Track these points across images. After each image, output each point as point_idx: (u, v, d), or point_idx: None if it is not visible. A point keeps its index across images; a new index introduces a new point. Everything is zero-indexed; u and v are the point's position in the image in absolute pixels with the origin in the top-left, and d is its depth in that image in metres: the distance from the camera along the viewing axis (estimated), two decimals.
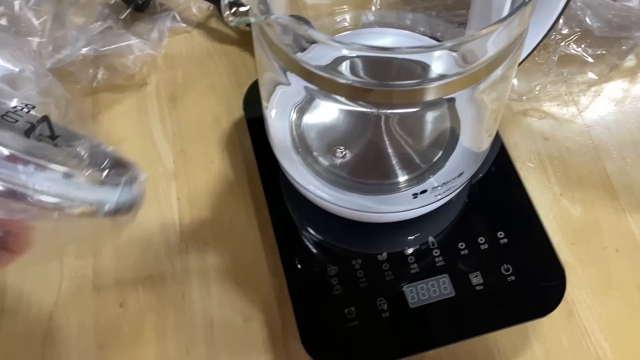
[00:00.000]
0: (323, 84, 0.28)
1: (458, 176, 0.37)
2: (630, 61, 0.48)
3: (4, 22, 0.47)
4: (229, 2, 0.26)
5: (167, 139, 0.47)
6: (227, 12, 0.26)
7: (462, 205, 0.42)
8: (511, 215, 0.41)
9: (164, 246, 0.42)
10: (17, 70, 0.39)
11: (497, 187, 0.43)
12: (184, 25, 0.52)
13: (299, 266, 0.40)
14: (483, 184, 0.43)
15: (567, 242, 0.42)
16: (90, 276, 0.41)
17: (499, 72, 0.29)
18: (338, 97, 0.28)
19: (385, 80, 0.27)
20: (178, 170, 0.45)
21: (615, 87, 0.48)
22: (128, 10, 0.52)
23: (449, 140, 0.40)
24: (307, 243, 0.41)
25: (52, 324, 0.40)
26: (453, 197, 0.40)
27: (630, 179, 0.44)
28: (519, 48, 0.30)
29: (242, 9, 0.26)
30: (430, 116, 0.40)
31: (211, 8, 0.53)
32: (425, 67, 0.27)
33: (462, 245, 0.40)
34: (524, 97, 0.46)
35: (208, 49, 0.52)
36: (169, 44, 0.51)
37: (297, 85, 0.29)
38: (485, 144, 0.39)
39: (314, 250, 0.40)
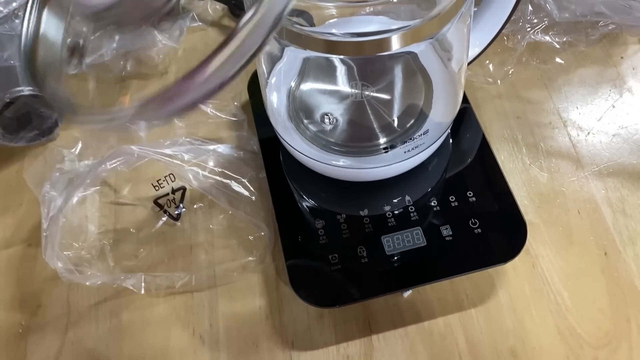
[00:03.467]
0: (311, 44, 0.34)
1: (424, 134, 0.42)
2: (596, 48, 0.53)
3: None
4: None
5: (182, 118, 0.54)
6: None
7: (436, 170, 0.47)
8: (481, 179, 0.46)
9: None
10: None
11: (470, 158, 0.48)
12: (201, 23, 0.60)
13: (291, 221, 0.45)
14: (457, 155, 0.48)
15: (534, 205, 0.47)
16: None
17: (451, 26, 0.35)
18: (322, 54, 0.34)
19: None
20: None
21: (582, 71, 0.53)
22: (158, 15, 0.59)
23: (419, 105, 0.45)
24: (299, 202, 0.46)
25: None
26: (426, 158, 0.45)
27: (593, 149, 0.49)
28: (468, 7, 0.35)
29: None
30: (402, 82, 0.46)
31: (224, 9, 0.61)
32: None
33: (434, 203, 0.45)
34: (499, 81, 0.52)
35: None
36: (188, 40, 0.59)
37: (290, 59, 0.35)
38: (450, 107, 0.44)
39: (305, 208, 0.46)
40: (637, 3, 0.46)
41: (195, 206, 0.48)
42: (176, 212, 0.48)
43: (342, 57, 0.42)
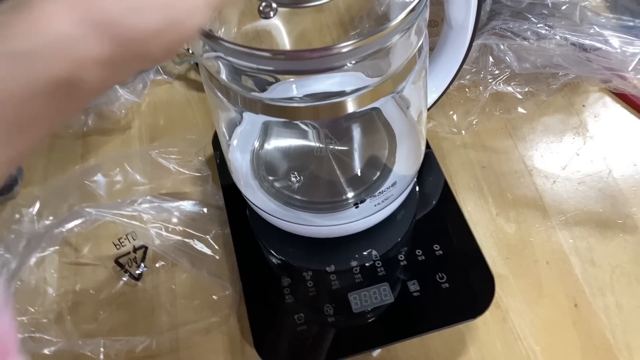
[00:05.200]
0: (268, 110, 0.34)
1: (392, 186, 0.42)
2: (558, 97, 0.54)
3: None
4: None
5: (145, 175, 0.53)
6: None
7: (402, 223, 0.46)
8: (447, 232, 0.45)
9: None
10: None
11: (436, 210, 0.47)
12: (166, 77, 0.59)
13: (256, 280, 0.44)
14: (423, 207, 0.47)
15: (502, 256, 0.46)
16: None
17: (406, 84, 0.35)
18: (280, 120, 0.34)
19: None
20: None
21: (546, 120, 0.53)
22: None
23: (384, 157, 0.45)
24: (265, 259, 0.45)
25: None
26: (394, 210, 0.45)
27: (560, 198, 0.49)
28: (423, 61, 0.35)
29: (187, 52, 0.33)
30: (366, 135, 0.46)
31: (192, 63, 0.60)
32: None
33: (401, 257, 0.44)
34: (463, 131, 0.52)
35: (187, 97, 0.59)
36: (152, 93, 0.58)
37: (250, 121, 0.35)
38: (414, 157, 0.44)
39: (271, 266, 0.45)
40: (593, 55, 0.46)
41: (157, 265, 0.47)
42: (137, 272, 0.47)
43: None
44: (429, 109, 0.48)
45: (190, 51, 0.33)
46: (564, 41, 0.46)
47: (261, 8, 0.29)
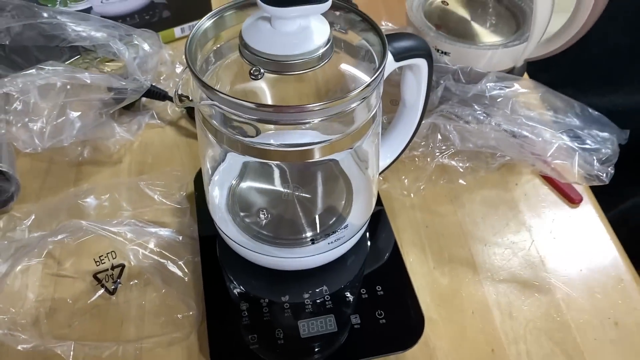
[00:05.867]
0: (247, 150, 0.41)
1: (344, 228, 0.49)
2: (496, 174, 0.63)
3: (19, 106, 0.60)
4: (177, 94, 0.41)
5: (131, 202, 0.59)
6: (176, 100, 0.40)
7: (353, 266, 0.53)
8: (390, 277, 0.53)
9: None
10: None
11: (383, 258, 0.54)
12: (159, 122, 0.67)
13: (218, 302, 0.50)
14: (372, 255, 0.55)
15: (435, 304, 0.53)
16: None
17: (362, 142, 0.43)
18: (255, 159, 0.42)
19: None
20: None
21: (483, 192, 0.62)
22: (118, 107, 0.66)
23: (340, 205, 0.53)
24: (228, 286, 0.51)
25: None
26: (345, 251, 0.52)
27: (489, 259, 0.56)
28: (375, 127, 0.44)
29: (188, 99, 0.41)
30: (327, 184, 0.54)
31: (182, 111, 0.68)
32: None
33: (348, 294, 0.51)
34: (412, 194, 0.60)
35: (175, 141, 0.66)
36: (145, 134, 0.66)
37: (231, 161, 0.42)
38: (365, 208, 0.52)
39: (233, 292, 0.51)
40: (522, 141, 0.56)
41: (131, 283, 0.52)
42: (112, 287, 0.52)
43: (275, 162, 0.50)
44: (383, 172, 0.56)
45: (190, 98, 0.41)
46: (498, 127, 0.56)
47: (252, 71, 0.38)
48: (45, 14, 0.57)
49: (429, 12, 0.71)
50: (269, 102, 0.43)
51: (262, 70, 0.38)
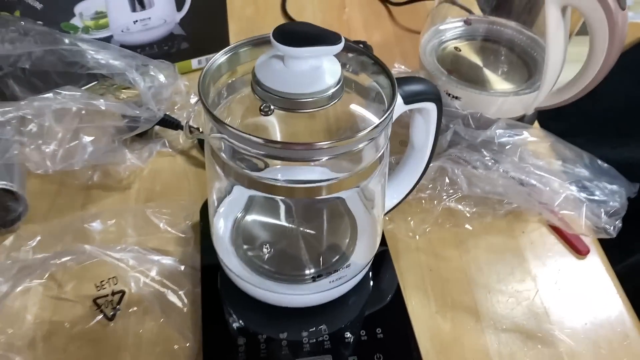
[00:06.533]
0: (255, 185, 0.42)
1: (346, 267, 0.49)
2: (502, 220, 0.63)
3: (34, 129, 0.61)
4: (188, 125, 0.42)
5: (136, 229, 0.59)
6: (187, 131, 0.41)
7: (354, 306, 0.53)
8: (391, 320, 0.52)
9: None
10: None
11: (385, 300, 0.54)
12: (171, 150, 0.68)
13: (216, 336, 0.50)
14: (374, 296, 0.54)
15: (435, 350, 0.52)
16: None
17: (369, 181, 0.43)
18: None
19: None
20: None
21: (489, 238, 0.61)
22: (130, 135, 0.67)
23: (344, 243, 0.52)
24: (226, 320, 0.51)
25: None
26: (347, 291, 0.51)
27: (492, 307, 0.56)
28: (382, 168, 0.44)
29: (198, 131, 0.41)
30: (331, 221, 0.53)
31: (194, 141, 0.69)
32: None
33: (347, 335, 0.50)
34: (417, 236, 0.60)
35: (185, 170, 0.67)
36: (155, 162, 0.66)
37: (238, 194, 0.42)
38: (369, 247, 0.51)
39: (231, 326, 0.50)
40: (529, 189, 0.56)
41: (130, 310, 0.52)
42: (111, 313, 0.52)
43: (281, 197, 0.50)
44: (389, 212, 0.56)
45: (201, 130, 0.41)
46: (506, 174, 0.56)
47: (262, 107, 0.38)
48: (66, 41, 0.58)
49: (441, 56, 0.72)
50: (278, 137, 0.43)
51: (272, 107, 0.39)
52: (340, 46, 0.39)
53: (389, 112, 0.40)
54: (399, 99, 0.44)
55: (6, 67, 0.62)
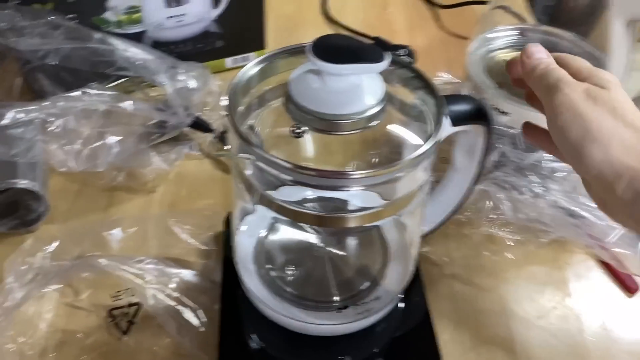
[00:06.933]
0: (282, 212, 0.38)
1: (375, 299, 0.45)
2: (546, 250, 0.58)
3: (59, 128, 0.59)
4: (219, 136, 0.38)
5: (158, 238, 0.57)
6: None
7: (381, 339, 0.49)
8: (419, 355, 0.48)
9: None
10: None
11: (414, 332, 0.50)
12: (199, 153, 0.65)
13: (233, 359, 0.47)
14: (402, 327, 0.50)
15: None
16: None
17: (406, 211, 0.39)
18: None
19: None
20: None
21: (531, 269, 0.57)
22: (158, 140, 0.64)
23: (374, 270, 0.49)
24: (245, 342, 0.48)
25: None
26: (374, 322, 0.48)
27: (530, 345, 0.51)
28: (422, 197, 0.40)
29: (225, 147, 0.38)
30: (362, 247, 0.50)
31: (226, 147, 0.66)
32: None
33: None
34: (453, 262, 0.56)
35: (212, 175, 0.64)
36: (182, 165, 0.64)
37: (262, 214, 0.39)
38: (401, 277, 0.48)
39: (249, 349, 0.48)
40: (579, 222, 0.51)
41: (145, 325, 0.50)
42: (126, 326, 0.50)
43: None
44: (426, 236, 0.52)
45: (229, 147, 0.38)
46: (555, 203, 0.51)
47: (293, 129, 0.35)
48: (95, 37, 0.56)
49: (490, 67, 0.68)
50: (311, 156, 0.40)
51: (303, 129, 0.35)
52: (384, 64, 0.35)
53: (435, 139, 0.36)
54: (446, 120, 0.40)
55: (35, 61, 0.61)
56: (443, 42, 0.88)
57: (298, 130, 0.35)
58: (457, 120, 0.41)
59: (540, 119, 0.61)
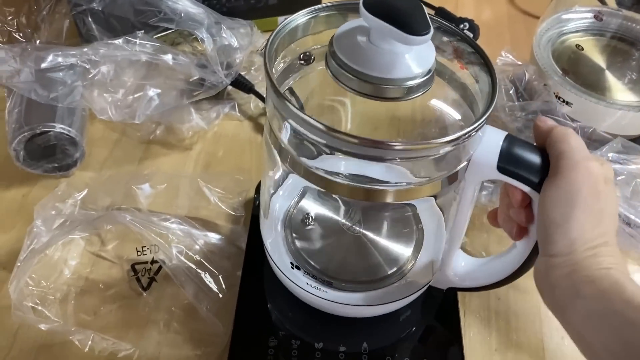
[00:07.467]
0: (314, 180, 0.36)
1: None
2: None
3: (101, 75, 0.58)
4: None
5: (187, 198, 0.56)
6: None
7: (402, 328, 0.47)
8: (442, 350, 0.46)
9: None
10: None
11: (438, 325, 0.48)
12: (239, 114, 0.64)
13: (248, 331, 0.46)
14: (426, 318, 0.48)
15: None
16: None
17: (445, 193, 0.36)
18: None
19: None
20: None
21: None
22: (197, 98, 0.62)
23: (406, 254, 0.46)
24: (262, 314, 0.47)
25: None
26: (398, 308, 0.45)
27: (562, 355, 0.48)
28: (457, 183, 0.37)
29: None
30: (396, 227, 0.47)
31: (264, 109, 0.64)
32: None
33: (389, 358, 0.45)
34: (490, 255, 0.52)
35: (250, 138, 0.62)
36: (221, 125, 0.62)
37: (292, 182, 0.36)
38: (433, 263, 0.45)
39: (265, 322, 0.46)
40: (636, 231, 0.47)
41: (167, 283, 0.49)
42: (147, 283, 0.49)
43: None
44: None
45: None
46: None
47: (302, 56, 0.32)
48: None
49: (558, 51, 0.62)
50: (349, 122, 0.37)
51: (312, 57, 0.32)
52: (421, 39, 0.31)
53: (481, 121, 0.33)
54: (494, 160, 0.35)
55: (85, 4, 0.60)
56: (511, 18, 0.82)
57: (307, 58, 0.32)
58: (506, 166, 0.35)
59: (603, 113, 0.56)
